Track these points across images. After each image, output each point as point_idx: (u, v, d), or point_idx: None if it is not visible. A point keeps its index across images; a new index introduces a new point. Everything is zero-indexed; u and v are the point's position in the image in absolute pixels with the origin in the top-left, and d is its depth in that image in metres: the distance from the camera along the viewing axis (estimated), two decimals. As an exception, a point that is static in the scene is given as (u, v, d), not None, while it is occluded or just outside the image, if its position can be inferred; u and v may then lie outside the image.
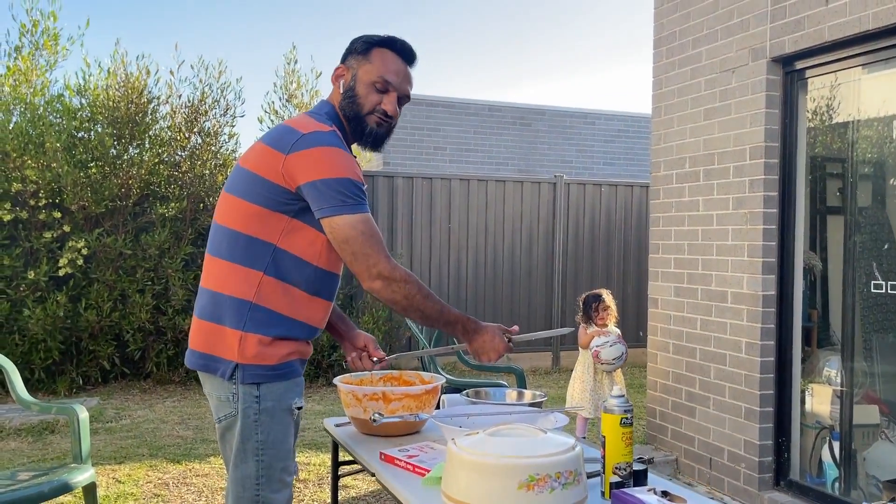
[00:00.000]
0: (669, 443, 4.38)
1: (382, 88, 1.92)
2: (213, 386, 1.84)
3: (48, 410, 2.87)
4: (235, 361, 1.78)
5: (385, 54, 1.93)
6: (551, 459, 1.52)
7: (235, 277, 1.81)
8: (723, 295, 3.97)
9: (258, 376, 1.79)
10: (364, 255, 1.78)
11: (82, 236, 6.14)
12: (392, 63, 1.93)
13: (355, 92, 1.91)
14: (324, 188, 1.75)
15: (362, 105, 1.91)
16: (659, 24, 4.53)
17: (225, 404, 1.82)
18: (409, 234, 7.47)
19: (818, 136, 3.82)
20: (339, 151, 1.79)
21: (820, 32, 3.43)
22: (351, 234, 1.77)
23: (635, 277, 8.16)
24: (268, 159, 1.79)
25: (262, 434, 1.79)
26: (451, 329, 1.91)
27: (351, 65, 1.94)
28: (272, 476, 1.80)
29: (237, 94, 6.98)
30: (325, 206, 1.76)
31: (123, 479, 3.99)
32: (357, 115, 1.92)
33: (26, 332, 5.90)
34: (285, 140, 1.79)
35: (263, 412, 1.79)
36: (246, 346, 1.78)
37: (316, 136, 1.78)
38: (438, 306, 1.86)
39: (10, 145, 5.99)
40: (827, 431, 3.64)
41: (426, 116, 11.78)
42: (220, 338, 1.81)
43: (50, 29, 6.39)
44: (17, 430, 4.92)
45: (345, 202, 1.76)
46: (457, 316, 1.91)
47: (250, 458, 1.79)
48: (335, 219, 1.76)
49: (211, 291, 1.85)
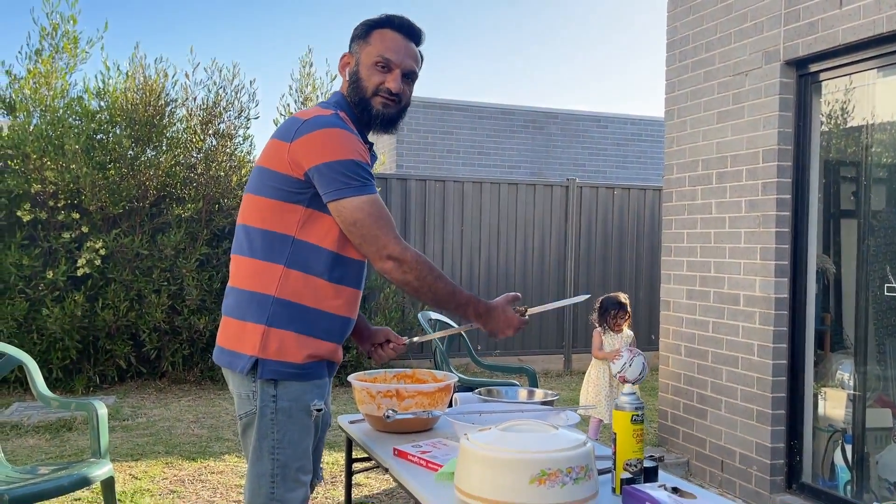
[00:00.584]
0: (681, 445, 4.38)
1: (384, 67, 1.89)
2: (235, 383, 1.85)
3: (67, 406, 2.92)
4: (256, 356, 1.78)
5: (384, 33, 1.91)
6: (563, 454, 1.55)
7: (257, 273, 1.81)
8: (735, 298, 3.98)
9: (276, 372, 1.78)
10: (373, 237, 1.76)
11: (100, 237, 6.22)
12: (391, 41, 1.90)
13: (359, 76, 1.90)
14: (328, 171, 1.74)
15: (366, 87, 1.89)
16: (672, 27, 4.55)
17: (245, 402, 1.82)
18: (421, 236, 7.50)
19: (832, 140, 3.82)
20: (340, 132, 1.78)
21: (834, 35, 3.44)
22: (358, 217, 1.75)
23: (647, 281, 8.15)
24: (276, 151, 1.80)
25: (278, 433, 1.79)
26: (463, 311, 1.89)
27: (354, 51, 1.94)
28: (287, 475, 1.80)
29: (251, 97, 7.06)
30: (331, 190, 1.74)
31: (140, 476, 4.04)
32: (362, 98, 1.90)
33: (45, 332, 5.98)
34: (290, 129, 1.80)
35: (280, 412, 1.79)
36: (269, 341, 1.78)
37: (316, 120, 1.78)
38: (450, 287, 1.84)
39: (31, 147, 6.08)
40: (839, 435, 3.64)
41: (439, 119, 11.82)
42: (242, 333, 1.81)
43: (70, 32, 6.48)
44: (35, 427, 4.99)
45: (349, 184, 1.74)
46: (468, 297, 1.89)
47: (266, 456, 1.80)
48: (342, 202, 1.75)
49: (235, 289, 1.86)
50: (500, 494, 1.54)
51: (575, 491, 1.55)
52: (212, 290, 6.56)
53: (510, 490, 1.53)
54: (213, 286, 6.57)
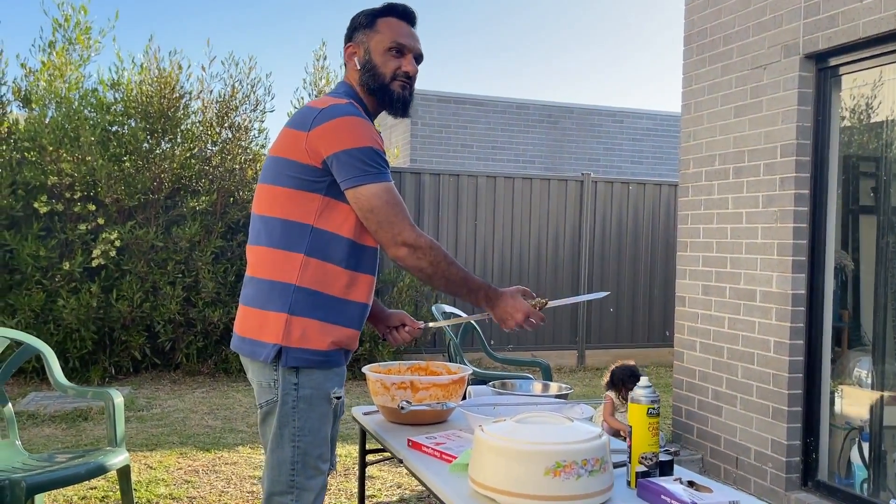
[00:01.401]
0: (695, 441, 4.36)
1: (399, 52, 1.94)
2: (255, 371, 1.86)
3: (84, 395, 2.94)
4: (280, 344, 1.79)
5: (391, 22, 1.97)
6: (578, 446, 1.54)
7: (276, 262, 1.83)
8: (751, 293, 3.94)
9: (300, 360, 1.80)
10: (389, 224, 1.79)
11: (115, 228, 6.26)
12: (399, 28, 1.96)
13: (373, 63, 1.94)
14: (346, 158, 1.77)
15: (384, 74, 1.93)
16: (690, 20, 4.50)
17: (266, 390, 1.83)
18: (435, 230, 7.50)
19: (852, 135, 3.78)
20: (358, 120, 1.81)
21: (854, 29, 3.39)
22: (375, 204, 1.78)
23: (662, 276, 8.11)
24: (292, 140, 1.83)
25: (299, 421, 1.81)
26: (474, 297, 1.91)
27: (360, 40, 1.97)
28: (307, 462, 1.83)
29: (267, 90, 7.08)
30: (349, 177, 1.78)
31: (155, 466, 4.07)
32: (382, 84, 1.94)
33: (61, 322, 6.03)
34: (306, 118, 1.82)
35: (302, 399, 1.81)
36: (292, 329, 1.80)
37: (334, 109, 1.81)
38: (462, 273, 1.88)
39: (47, 139, 6.13)
40: (856, 432, 3.60)
41: (453, 114, 11.80)
42: (264, 322, 1.82)
43: (81, 23, 6.51)
44: (51, 416, 5.04)
45: (367, 171, 1.78)
46: (479, 283, 1.92)
47: (287, 443, 1.81)
48: (359, 189, 1.78)
49: (254, 279, 1.87)
50: (514, 486, 1.53)
51: (590, 483, 1.54)
52: (226, 282, 6.59)
53: (525, 481, 1.52)
54: (228, 279, 6.60)
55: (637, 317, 8.11)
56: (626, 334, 8.08)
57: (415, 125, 11.61)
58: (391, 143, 12.02)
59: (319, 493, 1.86)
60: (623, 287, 8.06)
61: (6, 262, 6.12)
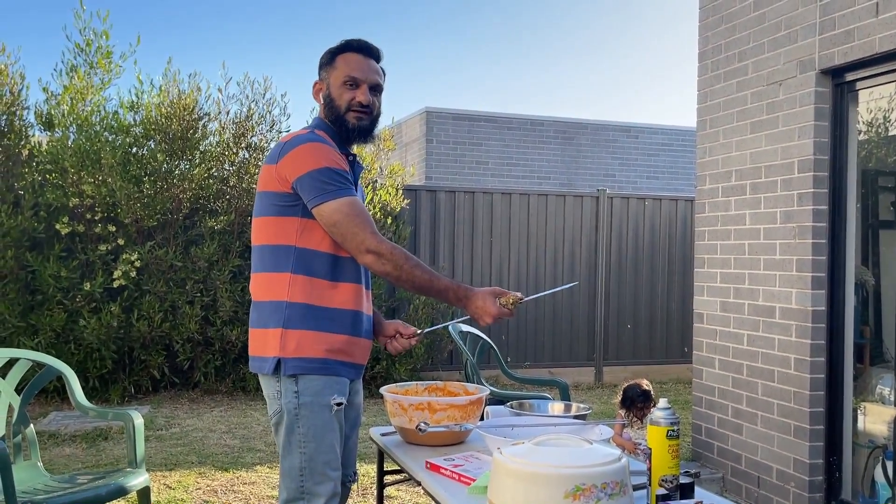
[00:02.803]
0: (716, 460, 4.31)
1: (352, 84, 2.08)
2: (264, 385, 2.03)
3: (105, 416, 2.97)
4: (278, 356, 1.95)
5: (347, 57, 2.12)
6: (598, 470, 1.53)
7: (269, 284, 2.00)
8: (770, 310, 3.91)
9: (297, 367, 1.94)
10: (352, 234, 1.94)
11: (135, 249, 6.33)
12: (354, 62, 2.10)
13: (331, 97, 2.10)
14: (308, 180, 1.94)
15: (340, 106, 2.09)
16: (704, 37, 4.51)
17: (273, 401, 1.99)
18: (451, 247, 7.51)
19: (870, 149, 3.76)
20: (315, 145, 1.98)
21: (870, 44, 3.38)
22: (337, 218, 1.94)
23: (680, 292, 8.06)
24: (266, 174, 2.03)
25: (303, 427, 1.94)
26: (444, 296, 2.02)
27: (323, 77, 2.14)
28: (315, 468, 1.94)
29: (282, 110, 7.13)
30: (312, 197, 1.94)
31: (174, 486, 4.09)
32: (338, 116, 2.10)
33: (82, 342, 6.09)
34: (275, 152, 2.03)
35: (303, 406, 1.95)
36: (287, 341, 1.95)
37: (295, 139, 2.01)
38: (427, 275, 1.99)
39: (69, 161, 6.22)
40: (880, 451, 3.55)
41: (468, 131, 11.85)
42: (265, 339, 1.99)
43: (103, 47, 6.62)
44: (72, 436, 5.07)
45: (326, 190, 1.94)
46: (447, 284, 2.02)
47: (294, 450, 1.95)
48: (321, 207, 1.94)
49: (255, 302, 2.06)
50: (534, 509, 1.52)
51: (610, 507, 1.52)
52: (244, 301, 6.63)
53: (544, 505, 1.51)
54: (246, 297, 6.64)
55: (655, 333, 8.05)
56: (645, 350, 8.03)
57: (430, 143, 11.67)
58: (406, 161, 12.08)
59: (330, 499, 1.96)
60: (640, 303, 8.01)
61: (28, 282, 6.20)
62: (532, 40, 40.26)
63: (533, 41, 40.37)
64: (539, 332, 7.66)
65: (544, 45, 42.02)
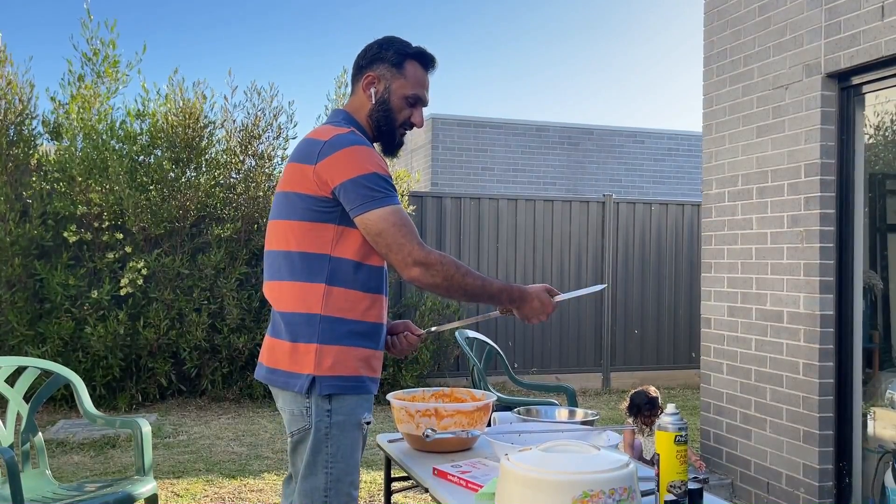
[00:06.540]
0: (725, 466, 4.29)
1: (414, 103, 1.99)
2: (287, 401, 1.88)
3: (112, 424, 2.98)
4: (313, 374, 1.83)
5: (417, 68, 2.00)
6: (606, 475, 1.53)
7: (300, 294, 1.86)
8: (778, 314, 3.89)
9: (333, 387, 1.83)
10: (398, 246, 1.81)
11: (142, 257, 6.35)
12: (423, 78, 2.00)
13: (390, 105, 1.97)
14: (352, 187, 1.80)
15: (396, 119, 1.98)
16: (709, 41, 4.51)
17: (298, 418, 1.86)
18: (457, 253, 7.51)
19: (877, 152, 3.74)
20: (361, 148, 1.85)
21: (877, 47, 3.37)
22: (383, 227, 1.81)
23: (687, 297, 8.04)
24: (299, 175, 1.86)
25: (332, 447, 1.84)
26: (497, 301, 1.94)
27: (383, 75, 1.97)
28: (340, 489, 1.85)
29: (289, 118, 7.16)
30: (357, 205, 1.81)
31: (182, 493, 4.09)
32: (391, 128, 1.99)
33: (89, 350, 6.11)
34: (310, 152, 1.86)
35: (334, 426, 1.84)
36: (323, 358, 1.83)
37: (338, 139, 1.85)
38: (479, 281, 1.89)
39: (76, 170, 6.25)
40: (890, 456, 3.52)
41: (473, 137, 11.87)
42: (295, 354, 1.86)
43: (110, 56, 6.65)
44: (80, 444, 5.08)
45: (374, 197, 1.80)
46: (500, 287, 1.93)
47: (320, 470, 1.84)
48: (367, 215, 1.81)
49: (280, 312, 1.91)
50: (542, 516, 1.51)
51: (618, 513, 1.52)
52: (251, 308, 6.64)
53: (552, 512, 1.50)
54: (253, 305, 6.65)
55: (662, 338, 8.03)
56: (652, 356, 8.00)
57: (435, 149, 11.69)
58: (412, 167, 12.10)
59: None
60: (647, 308, 7.99)
61: (36, 291, 6.22)
62: (537, 46, 40.36)
63: (538, 47, 40.46)
64: (546, 337, 7.64)
65: (549, 51, 42.10)
